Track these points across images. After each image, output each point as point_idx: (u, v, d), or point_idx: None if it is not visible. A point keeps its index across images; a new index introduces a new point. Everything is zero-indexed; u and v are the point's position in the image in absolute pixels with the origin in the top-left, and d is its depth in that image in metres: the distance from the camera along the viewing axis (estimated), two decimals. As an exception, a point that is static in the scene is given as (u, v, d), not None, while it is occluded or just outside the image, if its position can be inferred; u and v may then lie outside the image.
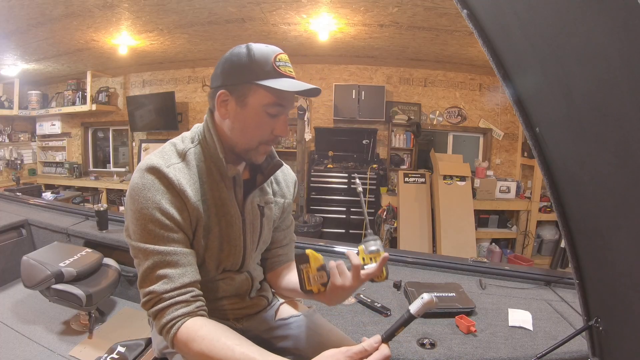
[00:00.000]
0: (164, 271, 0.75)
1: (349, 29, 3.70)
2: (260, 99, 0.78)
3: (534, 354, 1.13)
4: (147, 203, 0.75)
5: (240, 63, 0.77)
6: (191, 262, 0.79)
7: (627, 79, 0.50)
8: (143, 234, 0.76)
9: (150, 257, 0.75)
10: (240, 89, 0.78)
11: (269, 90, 0.77)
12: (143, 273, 0.76)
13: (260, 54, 0.77)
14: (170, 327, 0.73)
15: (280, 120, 0.81)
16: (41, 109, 5.67)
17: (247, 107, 0.79)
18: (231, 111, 0.80)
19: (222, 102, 0.80)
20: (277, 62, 0.78)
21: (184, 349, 0.73)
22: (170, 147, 0.83)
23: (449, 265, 1.89)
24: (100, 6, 3.20)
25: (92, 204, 5.46)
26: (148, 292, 0.75)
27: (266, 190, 0.95)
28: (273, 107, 0.79)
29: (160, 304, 0.74)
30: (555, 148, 0.80)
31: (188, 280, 0.77)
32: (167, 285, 0.74)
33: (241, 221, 0.88)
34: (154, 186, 0.76)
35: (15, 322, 2.03)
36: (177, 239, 0.77)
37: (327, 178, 4.75)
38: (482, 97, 4.88)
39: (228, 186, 0.85)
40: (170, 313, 0.74)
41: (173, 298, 0.74)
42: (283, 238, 1.04)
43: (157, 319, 0.75)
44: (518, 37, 0.72)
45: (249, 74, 0.77)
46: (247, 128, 0.80)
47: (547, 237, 4.52)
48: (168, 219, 0.76)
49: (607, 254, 0.76)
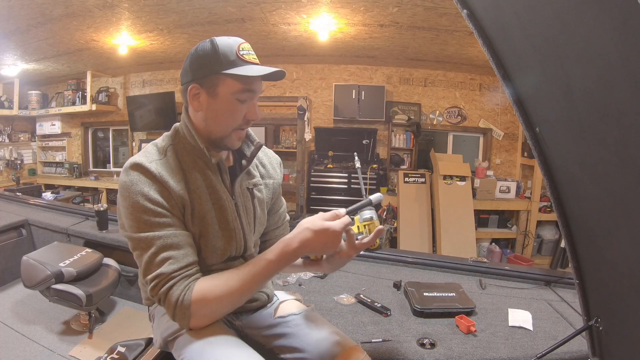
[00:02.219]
0: (168, 253, 0.79)
1: (349, 29, 3.70)
2: (229, 87, 0.82)
3: (534, 354, 1.13)
4: (136, 197, 0.79)
5: (207, 56, 0.82)
6: (190, 243, 0.84)
7: (627, 79, 0.50)
8: (139, 225, 0.80)
9: (152, 243, 0.79)
10: (209, 80, 0.82)
11: (236, 79, 0.82)
12: (147, 260, 0.80)
13: (224, 45, 0.82)
14: (184, 296, 0.78)
15: (250, 104, 0.87)
16: (41, 109, 5.66)
17: (218, 97, 0.83)
18: (203, 103, 0.85)
19: (194, 96, 0.85)
20: (240, 51, 0.82)
21: (204, 305, 0.79)
22: (152, 147, 0.89)
23: (449, 265, 1.89)
24: (100, 6, 3.20)
25: (92, 204, 5.46)
26: (156, 276, 0.79)
27: (253, 173, 1.00)
28: (243, 94, 0.84)
29: (169, 282, 0.78)
30: (555, 148, 0.80)
31: (192, 259, 0.82)
32: (173, 265, 0.79)
33: (234, 205, 0.92)
34: (140, 180, 0.80)
35: (15, 322, 2.03)
36: (171, 223, 0.82)
37: (327, 178, 4.75)
38: (482, 97, 4.88)
39: (215, 173, 0.90)
40: (180, 285, 0.79)
41: (180, 275, 0.79)
42: (278, 219, 1.10)
43: (168, 298, 0.78)
44: (518, 37, 0.72)
45: (216, 65, 0.81)
46: (220, 117, 0.85)
47: (547, 237, 4.51)
48: (159, 207, 0.80)
49: (607, 254, 0.76)
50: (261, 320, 1.02)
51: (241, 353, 0.82)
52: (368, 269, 1.86)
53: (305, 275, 1.73)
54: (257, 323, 1.01)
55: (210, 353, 0.80)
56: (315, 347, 0.92)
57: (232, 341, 0.85)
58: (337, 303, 1.49)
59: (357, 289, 1.61)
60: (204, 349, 0.81)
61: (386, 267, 1.90)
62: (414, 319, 1.39)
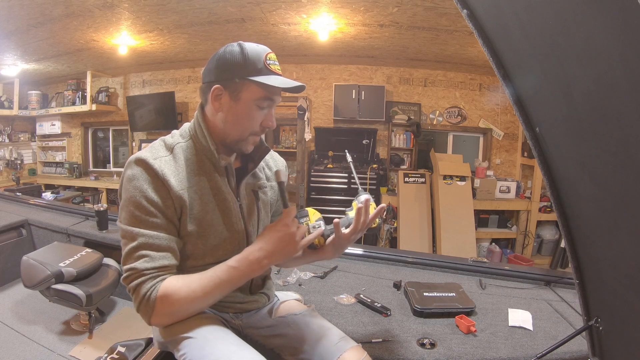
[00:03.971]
0: (146, 252, 0.82)
1: (349, 29, 3.70)
2: (252, 93, 0.85)
3: (534, 354, 1.13)
4: (135, 192, 0.82)
5: (234, 60, 0.84)
6: (172, 248, 0.85)
7: (627, 79, 0.50)
8: (131, 219, 0.83)
9: (135, 238, 0.82)
10: (234, 84, 0.85)
11: (261, 86, 0.84)
12: (127, 251, 0.83)
13: (253, 52, 0.85)
14: (150, 294, 0.80)
15: (269, 112, 0.89)
16: (41, 109, 5.67)
17: (240, 101, 0.86)
18: (225, 105, 0.87)
19: (216, 96, 0.87)
20: (268, 60, 0.86)
21: (166, 306, 0.81)
22: (159, 143, 0.90)
23: (449, 265, 1.89)
24: (100, 6, 3.20)
25: (92, 204, 5.46)
26: (130, 269, 0.82)
27: (259, 176, 1.01)
28: (264, 101, 0.86)
29: (140, 278, 0.81)
30: (555, 148, 0.80)
31: (167, 262, 0.84)
32: (148, 264, 0.81)
33: (238, 206, 0.94)
34: (141, 176, 0.83)
35: (15, 322, 2.03)
36: (160, 225, 0.83)
37: (327, 178, 4.75)
38: (482, 97, 4.88)
39: (221, 175, 0.91)
40: (149, 283, 0.81)
41: (151, 274, 0.81)
42: None
43: (137, 292, 0.81)
44: (518, 37, 0.72)
45: (243, 70, 0.84)
46: (239, 120, 0.87)
47: (547, 237, 4.52)
48: (153, 206, 0.82)
49: (607, 254, 0.76)
50: (261, 320, 1.02)
51: (242, 351, 0.82)
52: (368, 269, 1.86)
53: (305, 275, 1.73)
54: (257, 323, 1.02)
55: (210, 352, 0.80)
56: (315, 347, 0.92)
57: (233, 340, 0.85)
58: (337, 303, 1.49)
59: (357, 289, 1.61)
60: (204, 348, 0.81)
61: (386, 267, 1.91)
62: (414, 319, 1.39)
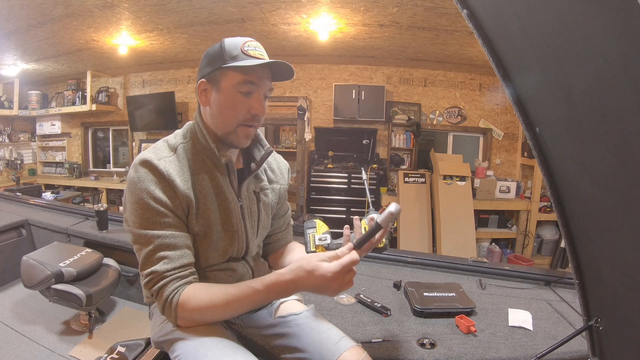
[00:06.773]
0: (164, 253, 0.82)
1: (349, 29, 3.70)
2: (231, 80, 0.85)
3: (534, 354, 1.13)
4: (142, 194, 0.82)
5: (214, 54, 0.86)
6: (188, 245, 0.86)
7: (627, 79, 0.50)
8: (142, 222, 0.82)
9: (151, 241, 0.82)
10: (214, 75, 0.86)
11: (236, 70, 0.84)
12: (145, 256, 0.83)
13: (230, 43, 0.85)
14: (172, 297, 0.81)
15: (254, 98, 0.87)
16: (41, 109, 5.67)
17: (221, 90, 0.86)
18: (210, 98, 0.88)
19: (202, 92, 0.89)
20: (245, 46, 0.85)
21: (187, 312, 0.81)
22: (162, 143, 0.90)
23: (449, 265, 1.89)
24: (100, 6, 3.20)
25: (92, 204, 5.45)
26: (150, 273, 0.82)
27: (261, 177, 1.02)
28: (244, 85, 0.85)
29: (162, 281, 0.81)
30: (555, 148, 0.80)
31: (187, 261, 0.84)
32: (168, 265, 0.82)
33: (239, 207, 0.94)
34: (147, 178, 0.82)
35: (15, 322, 2.03)
36: (172, 224, 0.84)
37: (327, 178, 4.75)
38: (482, 97, 4.88)
39: (223, 174, 0.91)
40: (171, 286, 0.81)
41: (173, 275, 0.82)
42: (282, 224, 1.14)
43: (160, 295, 0.82)
44: (518, 37, 0.72)
45: (220, 60, 0.84)
46: (223, 110, 0.87)
47: (547, 237, 4.51)
48: (162, 206, 0.82)
49: (607, 254, 0.76)
50: (261, 320, 1.02)
51: (236, 355, 0.81)
52: (368, 269, 1.86)
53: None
54: (257, 323, 1.02)
55: (204, 354, 0.79)
56: (316, 347, 0.92)
57: (227, 344, 0.84)
58: (337, 303, 1.49)
59: (357, 289, 1.61)
60: (198, 351, 0.80)
61: (386, 267, 1.90)
62: (414, 319, 1.39)
